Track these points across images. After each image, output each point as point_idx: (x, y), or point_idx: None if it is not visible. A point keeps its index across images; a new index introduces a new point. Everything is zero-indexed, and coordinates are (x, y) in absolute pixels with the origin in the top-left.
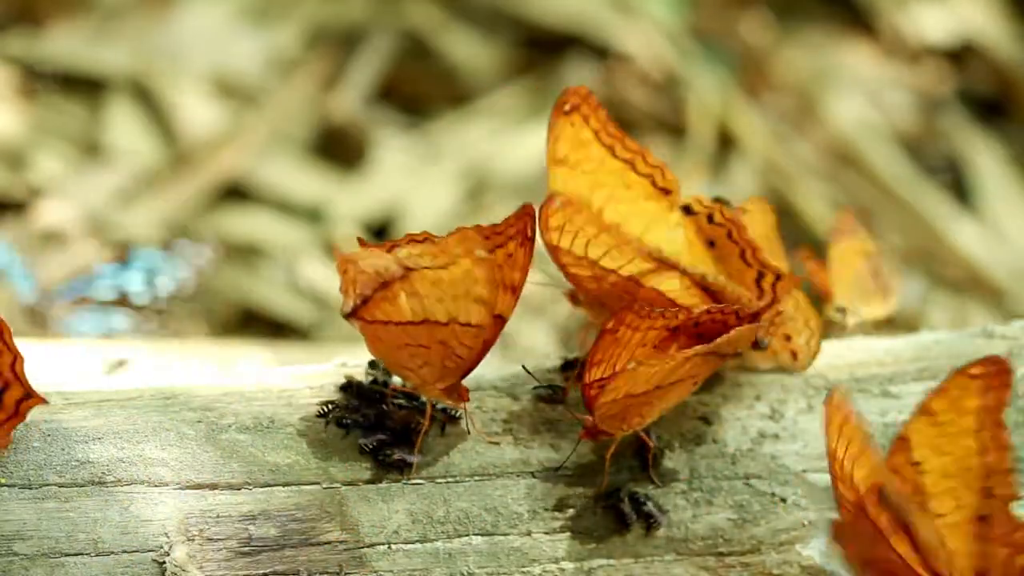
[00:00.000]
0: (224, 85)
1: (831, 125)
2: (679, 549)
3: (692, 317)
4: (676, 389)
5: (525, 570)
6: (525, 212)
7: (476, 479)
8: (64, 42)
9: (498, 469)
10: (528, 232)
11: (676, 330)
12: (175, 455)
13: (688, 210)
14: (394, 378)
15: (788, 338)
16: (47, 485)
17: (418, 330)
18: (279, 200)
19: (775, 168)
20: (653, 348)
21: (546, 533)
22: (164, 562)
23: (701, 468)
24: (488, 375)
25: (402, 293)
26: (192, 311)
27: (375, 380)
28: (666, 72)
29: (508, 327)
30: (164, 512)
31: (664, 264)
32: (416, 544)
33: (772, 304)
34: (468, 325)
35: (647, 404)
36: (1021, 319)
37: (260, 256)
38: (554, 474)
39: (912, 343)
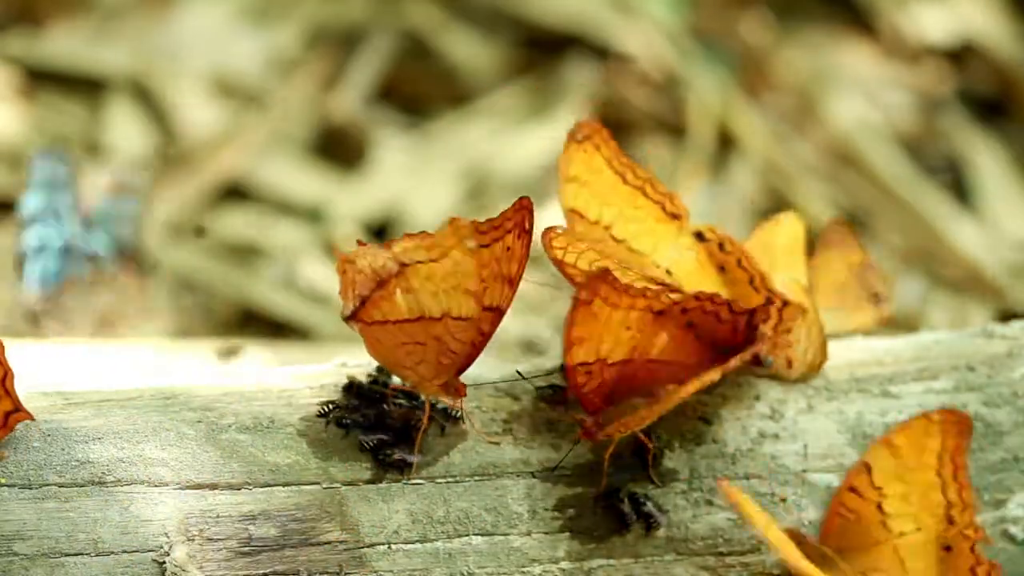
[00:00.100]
0: (224, 85)
1: (831, 125)
2: (679, 549)
3: (679, 303)
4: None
5: (525, 570)
6: (523, 205)
7: (476, 479)
8: (64, 42)
9: (498, 469)
10: (526, 225)
11: (661, 314)
12: (175, 455)
13: (700, 237)
14: (394, 378)
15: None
16: (47, 485)
17: (414, 327)
18: (279, 200)
19: (775, 168)
20: (639, 333)
21: (546, 533)
22: (164, 562)
23: (701, 468)
24: (488, 375)
25: (398, 290)
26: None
27: (375, 380)
28: (666, 72)
29: (507, 326)
30: (164, 512)
31: (665, 287)
32: (416, 544)
33: (768, 306)
34: (460, 319)
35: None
36: (1021, 319)
37: (260, 256)
38: (554, 474)
39: (912, 343)
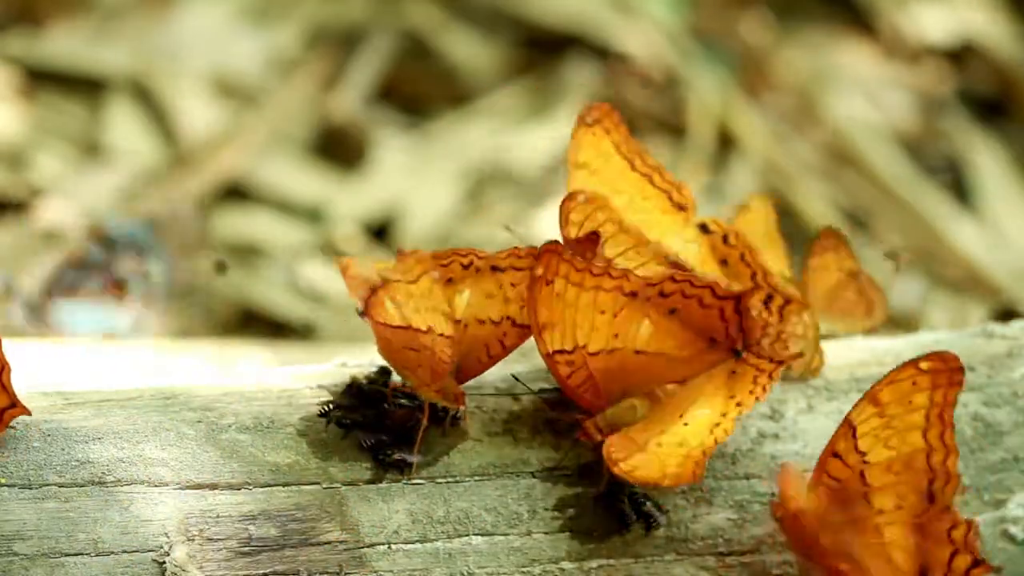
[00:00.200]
0: (224, 85)
1: (831, 125)
2: (679, 549)
3: (655, 284)
4: None
5: (525, 570)
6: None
7: (476, 479)
8: (64, 42)
9: (498, 469)
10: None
11: (635, 296)
12: (175, 455)
13: (704, 229)
14: (394, 377)
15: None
16: (47, 485)
17: (406, 334)
18: (279, 200)
19: (775, 168)
20: (616, 319)
21: (546, 533)
22: (164, 562)
23: None
24: (488, 375)
25: (387, 299)
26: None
27: (375, 380)
28: (666, 72)
29: None
30: (164, 512)
31: (678, 268)
32: (416, 544)
33: (753, 292)
34: (444, 336)
35: None
36: (1021, 319)
37: (260, 256)
38: (554, 474)
39: (912, 343)
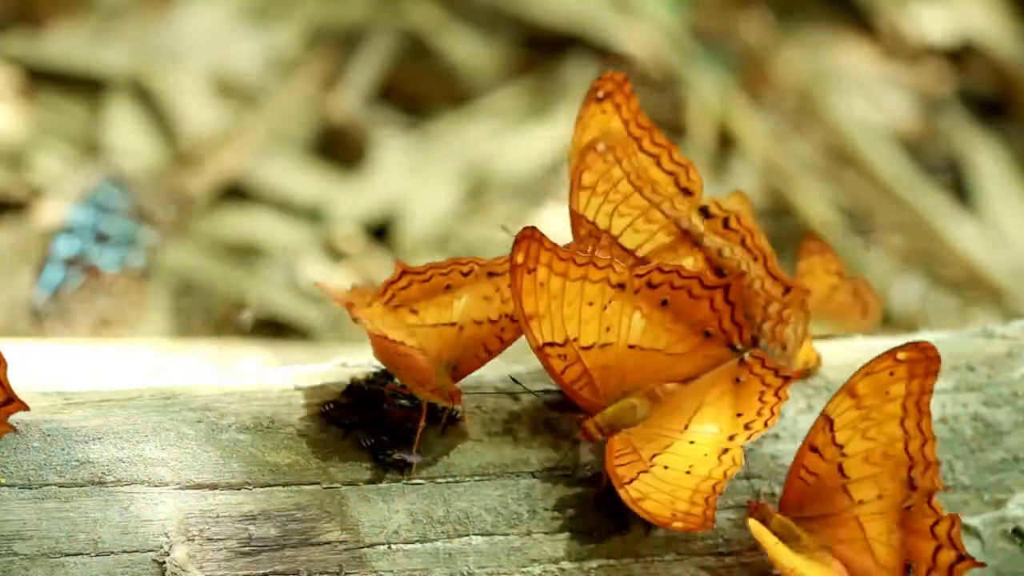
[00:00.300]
0: (224, 85)
1: (831, 125)
2: (679, 549)
3: (642, 275)
4: None
5: (525, 570)
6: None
7: (476, 479)
8: (64, 42)
9: (498, 469)
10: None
11: (623, 288)
12: (175, 455)
13: (706, 212)
14: (394, 378)
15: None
16: (47, 485)
17: (387, 342)
18: (279, 200)
19: (775, 168)
20: (606, 311)
21: (546, 533)
22: (164, 562)
23: None
24: (488, 375)
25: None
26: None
27: (375, 380)
28: (666, 72)
29: None
30: (164, 512)
31: (687, 236)
32: (416, 544)
33: (740, 278)
34: (417, 348)
35: None
36: (1021, 319)
37: (260, 256)
38: (554, 474)
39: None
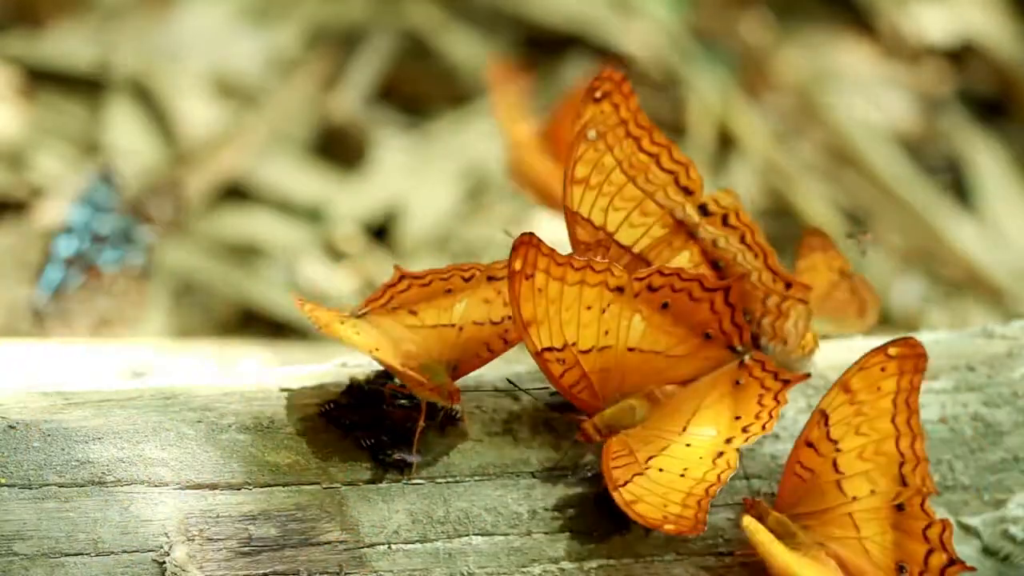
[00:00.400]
0: (224, 85)
1: (831, 125)
2: (679, 549)
3: (642, 279)
4: None
5: (525, 570)
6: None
7: (476, 479)
8: (64, 42)
9: (498, 469)
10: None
11: (622, 291)
12: (175, 455)
13: (704, 210)
14: (394, 378)
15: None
16: (47, 485)
17: (375, 353)
18: (279, 200)
19: (775, 168)
20: (604, 315)
21: (546, 533)
22: (164, 562)
23: None
24: (488, 375)
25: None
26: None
27: (375, 380)
28: (666, 72)
29: None
30: (164, 512)
31: (683, 227)
32: (416, 544)
33: (741, 280)
34: (401, 362)
35: None
36: (1021, 319)
37: (260, 256)
38: (554, 474)
39: None
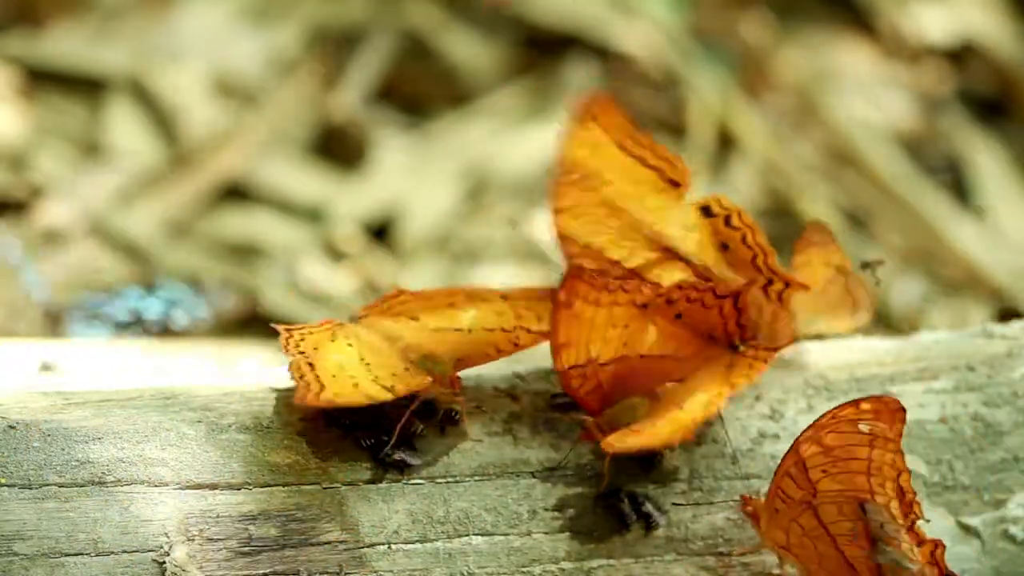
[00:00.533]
0: (224, 85)
1: (831, 125)
2: (679, 549)
3: (662, 293)
4: None
5: (525, 570)
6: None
7: (476, 479)
8: (64, 42)
9: (498, 469)
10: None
11: (646, 307)
12: (175, 455)
13: (707, 212)
14: None
15: None
16: (47, 485)
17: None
18: (279, 200)
19: (775, 168)
20: (626, 329)
21: (546, 533)
22: (164, 562)
23: (701, 468)
24: (488, 375)
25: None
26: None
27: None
28: (666, 72)
29: None
30: (164, 512)
31: (670, 252)
32: (416, 544)
33: (749, 286)
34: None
35: None
36: (1021, 319)
37: (260, 256)
38: (554, 474)
39: (912, 343)
